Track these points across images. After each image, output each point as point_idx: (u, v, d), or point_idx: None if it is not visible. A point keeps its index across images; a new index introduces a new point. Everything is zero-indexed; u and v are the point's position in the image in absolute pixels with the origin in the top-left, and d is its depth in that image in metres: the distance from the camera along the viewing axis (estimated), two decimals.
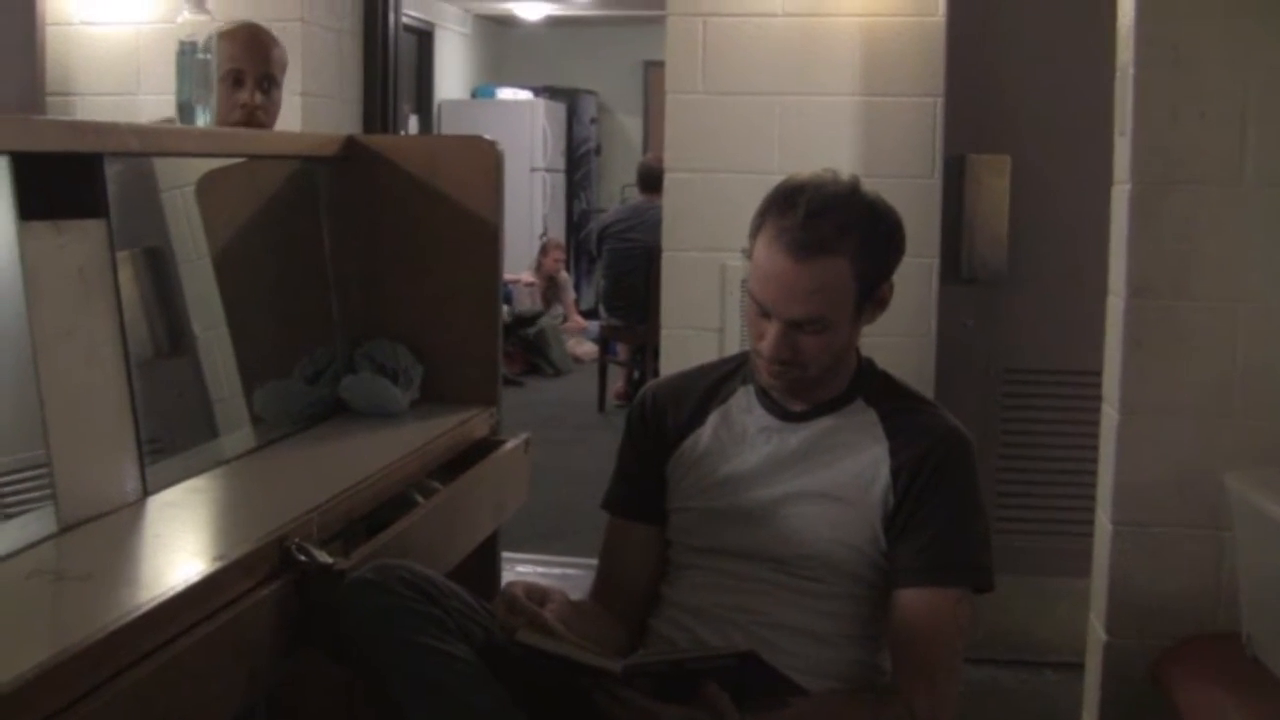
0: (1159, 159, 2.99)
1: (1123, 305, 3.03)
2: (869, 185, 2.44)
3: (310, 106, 4.97)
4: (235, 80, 3.72)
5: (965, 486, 2.45)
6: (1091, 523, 3.23)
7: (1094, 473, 3.22)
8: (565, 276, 12.66)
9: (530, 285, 12.00)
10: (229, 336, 3.22)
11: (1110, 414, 3.10)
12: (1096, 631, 3.15)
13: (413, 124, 12.46)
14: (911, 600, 2.38)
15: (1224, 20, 2.95)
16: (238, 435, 3.12)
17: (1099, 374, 3.21)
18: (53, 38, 5.13)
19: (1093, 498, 3.23)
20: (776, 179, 2.44)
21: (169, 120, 3.52)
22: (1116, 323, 3.08)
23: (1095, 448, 3.21)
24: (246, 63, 3.74)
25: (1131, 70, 3.00)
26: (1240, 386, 3.00)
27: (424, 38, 13.42)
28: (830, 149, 4.44)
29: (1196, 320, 3.00)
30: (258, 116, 3.76)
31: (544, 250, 12.57)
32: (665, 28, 4.64)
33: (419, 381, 3.41)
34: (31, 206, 2.27)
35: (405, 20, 6.00)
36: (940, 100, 4.46)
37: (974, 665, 4.14)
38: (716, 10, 4.55)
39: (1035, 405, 4.61)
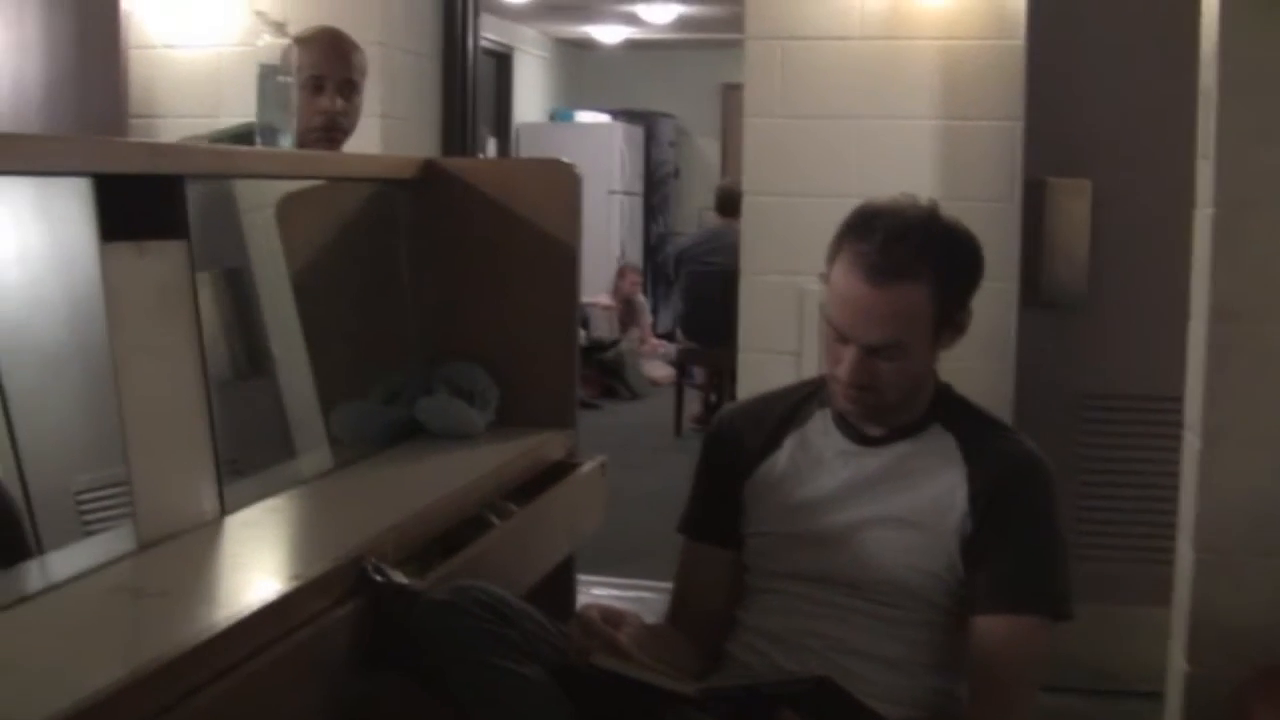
0: (1242, 182, 2.96)
1: (1205, 330, 2.99)
2: (947, 210, 2.43)
3: (389, 129, 5.00)
4: (315, 87, 3.68)
5: (1044, 513, 2.43)
6: (1172, 550, 3.19)
7: (1175, 500, 3.18)
8: (642, 300, 12.67)
9: (607, 309, 12.01)
10: (307, 357, 3.24)
11: (1192, 440, 3.06)
12: (1177, 661, 3.11)
13: (491, 147, 12.52)
14: (989, 627, 2.36)
15: None
16: (315, 455, 3.14)
17: (1180, 399, 3.17)
18: (136, 61, 5.20)
19: (1174, 525, 3.19)
20: (854, 203, 2.43)
21: (196, 138, 3.55)
22: (1198, 347, 3.04)
23: (1176, 474, 3.17)
24: (326, 68, 3.71)
25: (1215, 93, 2.97)
26: None
27: (503, 61, 13.48)
28: (909, 173, 4.42)
29: (1277, 342, 2.96)
30: (339, 122, 3.73)
31: (621, 273, 12.58)
32: (743, 51, 4.64)
33: (495, 404, 3.42)
34: (114, 227, 2.30)
35: (484, 44, 6.02)
36: (1020, 124, 4.44)
37: (1052, 694, 4.10)
38: (795, 33, 4.55)
39: (1115, 431, 4.56)
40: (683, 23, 13.09)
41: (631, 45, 14.78)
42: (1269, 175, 2.94)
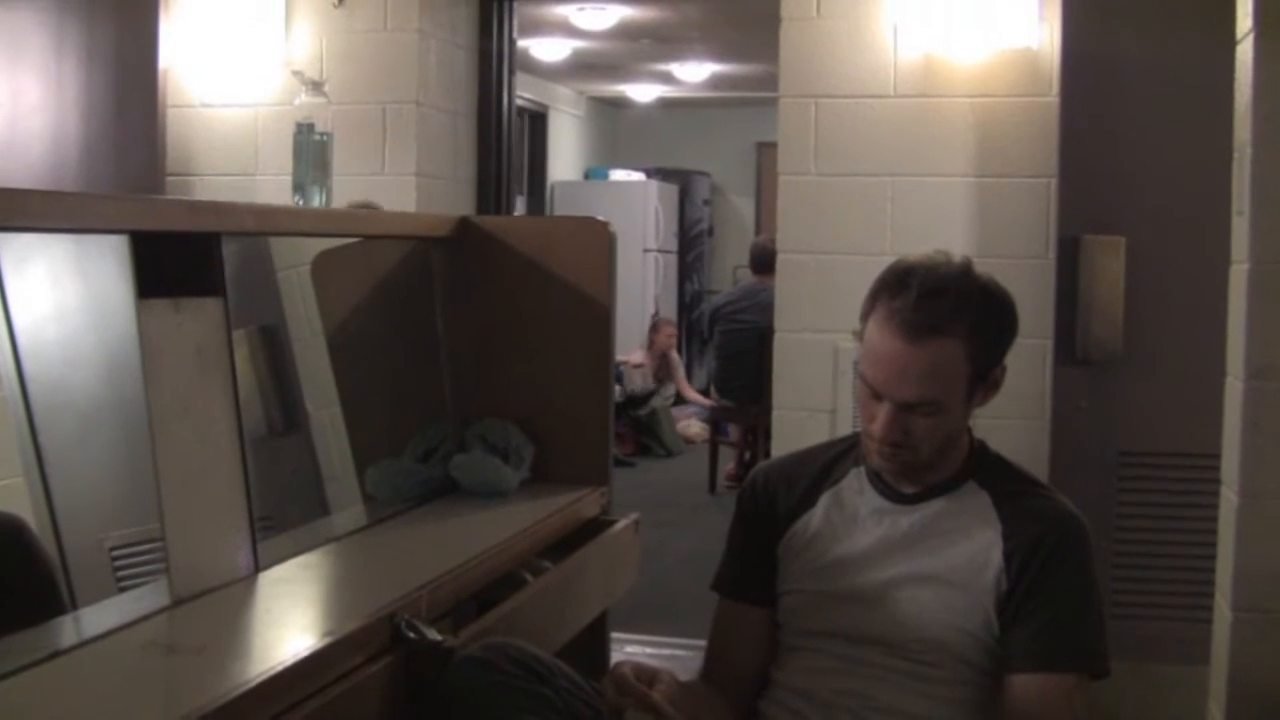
0: (1278, 237, 2.95)
1: (1242, 387, 2.98)
2: (982, 267, 2.43)
3: (425, 187, 5.03)
4: None
5: (1080, 571, 2.42)
6: (1210, 609, 3.17)
7: (1213, 558, 3.16)
8: (676, 356, 12.66)
9: (639, 366, 12.01)
10: (342, 415, 3.26)
11: (1230, 498, 3.05)
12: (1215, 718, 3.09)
13: (519, 205, 12.55)
14: (1025, 686, 2.35)
15: None
16: (349, 513, 3.14)
17: (1217, 457, 3.16)
18: (173, 119, 5.24)
19: (1211, 583, 3.17)
20: (888, 260, 2.43)
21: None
22: (1235, 405, 3.03)
23: (1214, 532, 3.16)
24: None
25: (1249, 149, 2.97)
26: None
27: (537, 119, 13.54)
28: (943, 230, 4.42)
29: None
30: None
31: (655, 328, 12.57)
32: (777, 109, 4.65)
33: (530, 461, 3.42)
34: (151, 285, 2.31)
35: (519, 102, 6.05)
36: (1054, 181, 4.44)
37: None
38: (828, 92, 4.56)
39: (1152, 489, 4.55)
40: (716, 81, 13.14)
41: (665, 104, 14.83)
42: None
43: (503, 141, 5.61)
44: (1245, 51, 3.01)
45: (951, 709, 2.41)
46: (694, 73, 12.71)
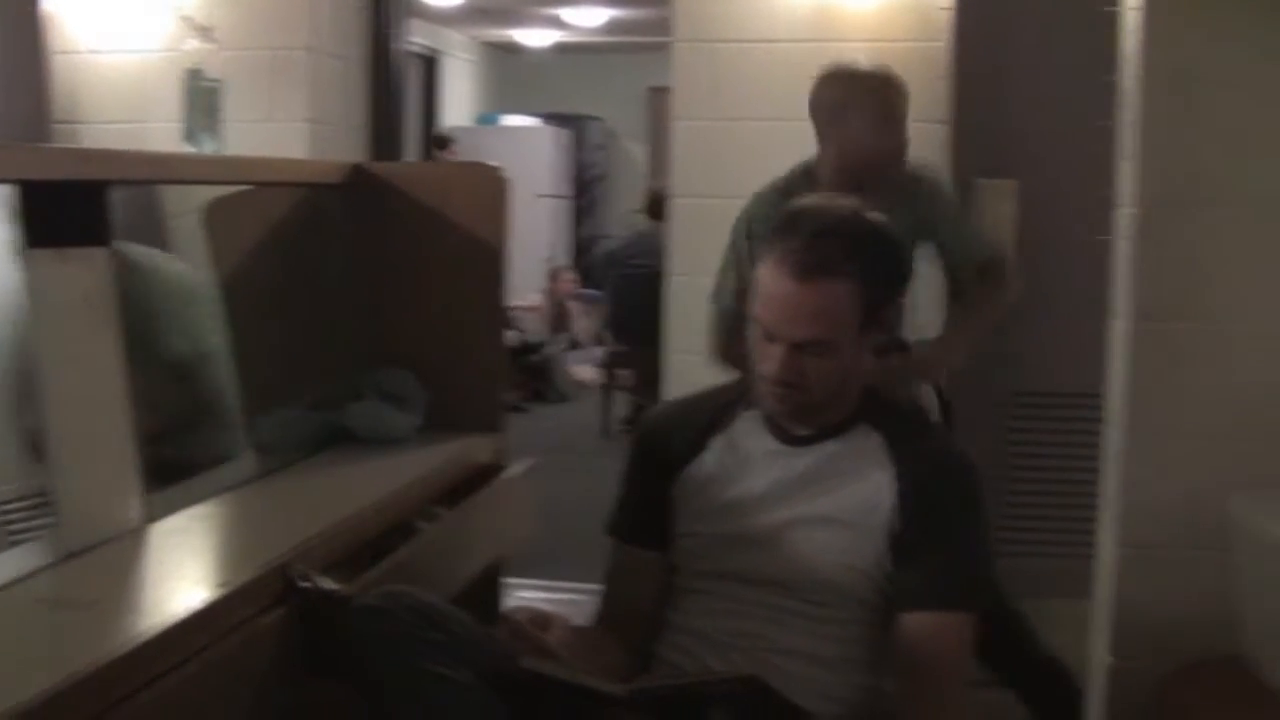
0: (1162, 182, 2.98)
1: (1126, 328, 3.02)
2: (873, 209, 2.45)
3: (317, 134, 4.98)
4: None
5: (970, 510, 2.46)
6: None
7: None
8: (574, 303, 12.63)
9: (534, 310, 11.99)
10: (234, 363, 3.22)
11: (1115, 437, 3.09)
12: (1101, 655, 3.14)
13: (416, 152, 12.44)
14: (917, 624, 2.38)
15: (1229, 43, 2.95)
16: (242, 462, 3.12)
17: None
18: (59, 66, 5.14)
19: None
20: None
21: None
22: (1120, 345, 3.07)
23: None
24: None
25: (1135, 94, 3.00)
26: (1245, 408, 2.99)
27: (429, 64, 13.44)
28: None
29: (1200, 342, 2.99)
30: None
31: (554, 275, 12.56)
32: (671, 54, 4.64)
33: (424, 408, 3.41)
34: (37, 234, 2.28)
35: (410, 48, 6.00)
36: (947, 126, 4.47)
37: (979, 687, 4.12)
38: (722, 36, 4.56)
39: (1043, 428, 4.61)
40: (611, 26, 13.10)
41: (559, 49, 14.76)
42: (1189, 175, 2.97)
43: (394, 88, 5.56)
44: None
45: (845, 648, 2.43)
46: (588, 17, 12.67)
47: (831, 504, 2.44)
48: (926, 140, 4.46)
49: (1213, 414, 2.99)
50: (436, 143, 12.48)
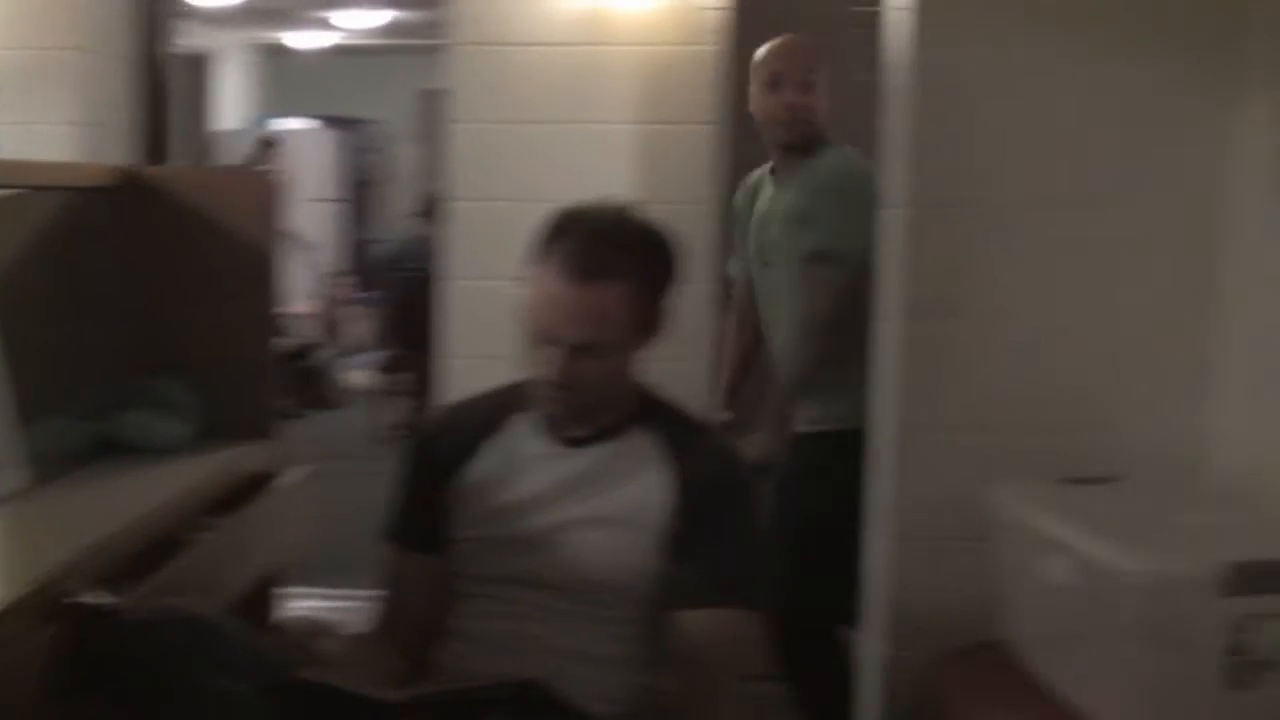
0: (928, 183, 3.05)
1: (896, 327, 3.09)
2: (648, 212, 2.47)
3: (85, 136, 4.86)
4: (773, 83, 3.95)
5: (744, 509, 2.49)
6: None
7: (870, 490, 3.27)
8: (351, 308, 12.50)
9: (309, 317, 11.86)
10: (3, 372, 3.14)
11: (886, 432, 3.15)
12: (872, 644, 3.21)
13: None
14: (695, 622, 2.41)
15: (989, 49, 3.03)
16: (9, 474, 3.04)
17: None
18: None
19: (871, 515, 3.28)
20: (557, 206, 2.44)
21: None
22: (890, 344, 3.13)
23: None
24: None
25: (901, 95, 3.06)
26: (1006, 401, 3.08)
27: (203, 66, 13.24)
28: (610, 176, 4.45)
29: (964, 339, 3.07)
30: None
31: (329, 280, 12.43)
32: (450, 56, 4.62)
33: (198, 416, 3.35)
34: None
35: (183, 49, 5.90)
36: (717, 127, 4.51)
37: (753, 682, 4.17)
38: (498, 39, 4.55)
39: None
40: (386, 28, 13.02)
41: (334, 51, 14.64)
42: (954, 176, 3.05)
43: (165, 89, 5.45)
44: (896, 4, 3.10)
45: (625, 647, 2.45)
46: (364, 19, 12.58)
47: (607, 505, 2.46)
48: (698, 142, 4.50)
49: (978, 409, 3.07)
50: (263, 144, 12.36)
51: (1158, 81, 3.06)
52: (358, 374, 11.36)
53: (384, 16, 12.40)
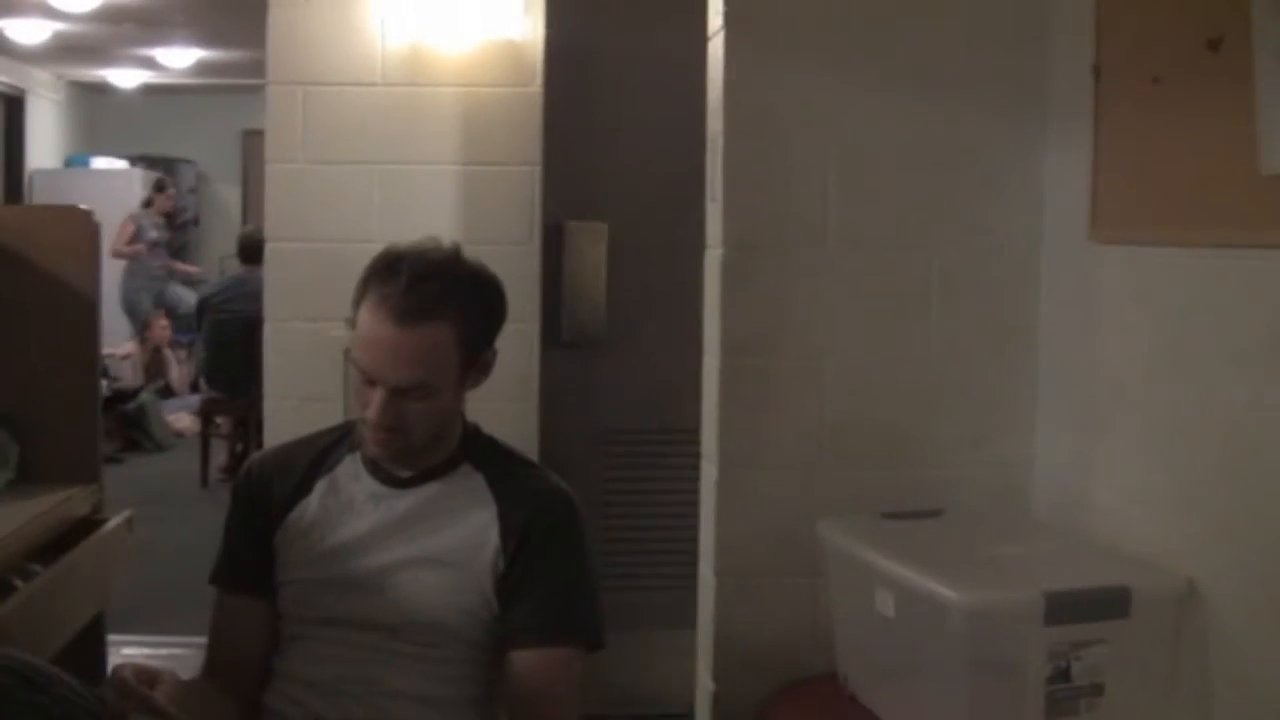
0: (748, 223, 3.10)
1: (718, 364, 3.13)
2: (470, 252, 2.49)
3: None
4: None
5: (573, 546, 2.51)
6: (694, 575, 3.32)
7: (694, 527, 3.30)
8: (169, 351, 12.33)
9: (127, 358, 11.69)
10: None
11: (710, 470, 3.19)
12: (704, 681, 3.23)
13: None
14: (525, 661, 2.43)
15: (805, 92, 3.09)
16: None
17: (694, 431, 3.30)
18: None
19: (694, 551, 3.31)
20: (379, 247, 2.45)
21: None
22: (713, 381, 3.17)
23: (694, 503, 3.30)
24: None
25: (721, 139, 3.11)
26: (829, 438, 3.12)
27: (14, 104, 13.00)
28: (432, 217, 4.46)
29: (786, 376, 3.11)
30: None
31: (147, 324, 12.26)
32: (264, 96, 4.61)
33: (15, 461, 3.31)
34: None
35: None
36: (538, 169, 4.55)
37: None
38: (316, 79, 4.54)
39: (638, 464, 4.72)
40: (202, 67, 12.90)
41: (149, 90, 14.46)
42: (773, 216, 3.10)
43: None
44: (716, 47, 3.15)
45: (457, 688, 2.46)
46: (179, 58, 12.45)
47: (435, 545, 2.47)
48: (519, 183, 4.54)
49: (799, 445, 3.12)
50: (156, 186, 12.93)
51: (974, 124, 3.13)
52: (179, 417, 11.23)
53: (201, 54, 12.27)
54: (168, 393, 11.94)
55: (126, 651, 4.77)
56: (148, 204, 13.06)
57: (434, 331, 2.36)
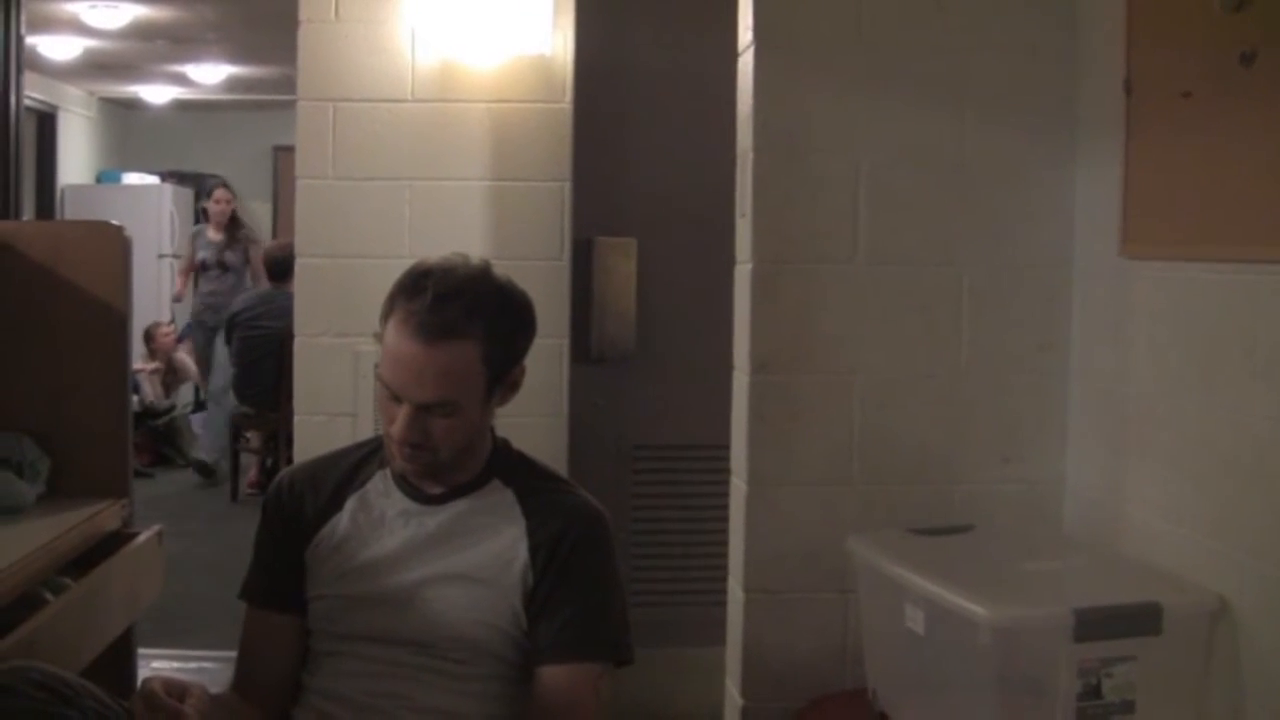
0: (777, 239, 3.10)
1: (747, 380, 3.13)
2: (500, 268, 2.48)
3: None
4: None
5: (602, 562, 2.51)
6: (725, 591, 3.31)
7: (722, 543, 3.30)
8: (184, 358, 12.20)
9: (156, 371, 11.65)
10: None
11: (739, 486, 3.18)
12: (733, 697, 3.23)
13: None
14: (552, 677, 2.42)
15: (834, 108, 3.09)
16: None
17: (723, 447, 3.30)
18: None
19: (722, 567, 3.31)
20: (408, 263, 2.45)
21: None
22: (742, 398, 3.17)
23: (722, 519, 3.30)
24: None
25: (750, 155, 3.11)
26: (858, 454, 3.12)
27: (46, 120, 13.05)
28: (461, 233, 4.46)
29: (816, 393, 3.11)
30: None
31: (149, 335, 11.92)
32: (295, 112, 4.62)
33: (46, 474, 3.32)
34: None
35: (27, 102, 5.83)
36: (568, 184, 4.54)
37: None
38: (347, 95, 4.55)
39: (666, 480, 4.71)
40: (232, 83, 12.93)
41: (180, 105, 14.50)
42: (802, 232, 3.10)
43: (10, 143, 5.40)
44: (746, 63, 3.15)
45: (485, 704, 2.46)
46: (210, 74, 12.48)
47: (465, 561, 2.47)
48: (548, 199, 4.54)
49: (829, 460, 3.12)
50: (207, 193, 12.21)
51: (1004, 139, 3.13)
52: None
53: (232, 70, 12.31)
54: (200, 406, 11.83)
55: (156, 664, 4.78)
56: (204, 215, 12.39)
57: (459, 349, 2.36)
